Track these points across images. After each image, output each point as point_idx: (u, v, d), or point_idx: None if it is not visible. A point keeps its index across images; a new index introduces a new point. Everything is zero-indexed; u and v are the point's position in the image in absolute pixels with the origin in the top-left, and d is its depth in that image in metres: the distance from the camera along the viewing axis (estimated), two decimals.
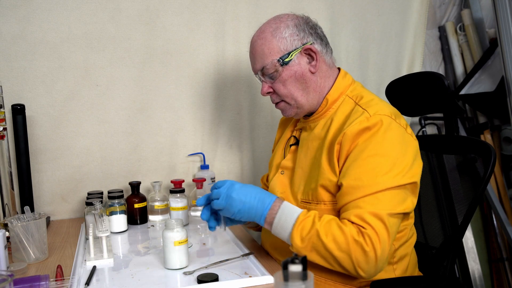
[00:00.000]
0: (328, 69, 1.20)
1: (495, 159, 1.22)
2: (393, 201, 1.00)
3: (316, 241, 0.98)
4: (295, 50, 1.15)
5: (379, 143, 1.03)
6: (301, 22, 1.19)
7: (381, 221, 0.97)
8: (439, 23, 2.19)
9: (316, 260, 1.00)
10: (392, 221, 0.99)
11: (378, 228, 0.96)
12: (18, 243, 1.16)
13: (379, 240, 0.95)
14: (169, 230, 1.10)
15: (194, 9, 1.71)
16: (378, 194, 0.99)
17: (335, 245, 0.97)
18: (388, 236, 0.97)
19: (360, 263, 0.96)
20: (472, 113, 2.21)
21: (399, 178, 1.01)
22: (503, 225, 2.00)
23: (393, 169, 1.01)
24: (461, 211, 1.37)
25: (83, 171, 1.65)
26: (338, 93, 1.18)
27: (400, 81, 1.50)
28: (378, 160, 1.02)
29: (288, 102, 1.20)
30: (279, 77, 1.17)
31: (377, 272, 0.99)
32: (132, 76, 1.67)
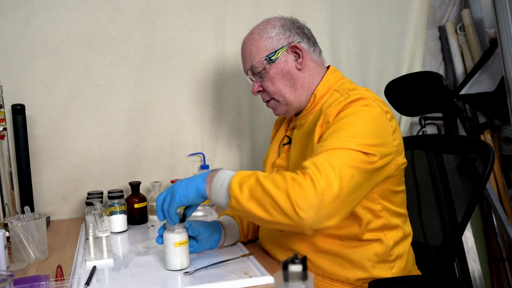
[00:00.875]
0: (316, 67, 1.23)
1: (493, 158, 1.23)
2: (350, 156, 0.96)
3: (254, 186, 0.93)
4: (282, 48, 1.19)
5: (351, 112, 1.04)
6: (287, 22, 1.23)
7: (329, 164, 0.91)
8: (439, 23, 2.19)
9: (255, 210, 0.93)
10: (346, 171, 0.93)
11: (322, 168, 0.90)
12: (18, 243, 1.16)
13: (321, 177, 0.89)
14: (169, 231, 1.09)
15: (194, 9, 1.71)
16: (336, 150, 0.96)
17: (273, 185, 0.91)
18: (336, 178, 0.90)
19: (298, 200, 0.88)
20: (472, 113, 2.21)
21: (361, 145, 0.98)
22: (503, 225, 2.00)
23: (359, 136, 0.99)
24: (460, 211, 1.37)
25: (83, 171, 1.65)
26: (326, 88, 1.20)
27: (399, 81, 1.50)
28: (345, 124, 1.02)
29: (277, 100, 1.23)
30: (267, 75, 1.21)
31: (320, 220, 0.89)
32: (132, 76, 1.67)
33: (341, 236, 1.10)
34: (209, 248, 1.22)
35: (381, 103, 1.11)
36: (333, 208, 0.90)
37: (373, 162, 0.99)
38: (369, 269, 1.10)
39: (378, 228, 1.11)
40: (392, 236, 1.12)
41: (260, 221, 0.96)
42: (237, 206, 0.95)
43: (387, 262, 1.12)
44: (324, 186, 0.89)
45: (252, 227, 1.32)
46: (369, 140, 1.00)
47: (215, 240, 1.22)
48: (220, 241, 1.24)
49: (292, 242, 1.15)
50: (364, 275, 1.10)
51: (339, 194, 0.90)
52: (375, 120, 1.05)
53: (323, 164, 0.92)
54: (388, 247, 1.11)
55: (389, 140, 1.06)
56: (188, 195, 1.02)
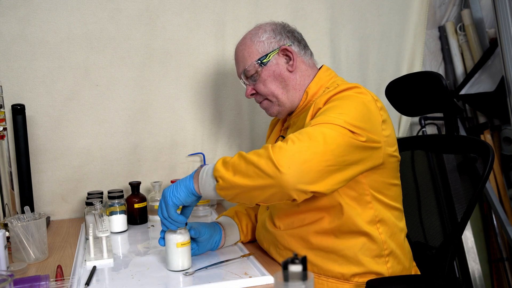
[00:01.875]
0: (307, 68, 1.26)
1: (493, 157, 1.23)
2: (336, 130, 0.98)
3: (238, 161, 0.97)
4: (273, 51, 1.23)
5: (342, 97, 1.07)
6: (278, 27, 1.27)
7: (314, 131, 0.95)
8: (439, 23, 2.19)
9: (241, 181, 0.95)
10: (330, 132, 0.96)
11: (304, 131, 0.95)
12: (18, 243, 1.16)
13: (302, 137, 0.94)
14: (171, 232, 1.08)
15: (194, 9, 1.71)
16: (322, 124, 0.99)
17: (255, 155, 0.95)
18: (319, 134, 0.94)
19: (279, 159, 0.90)
20: (472, 113, 2.21)
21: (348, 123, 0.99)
22: (503, 225, 2.00)
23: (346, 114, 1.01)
24: (461, 211, 1.37)
25: (83, 171, 1.65)
26: (318, 86, 1.23)
27: (399, 81, 1.50)
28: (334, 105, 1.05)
29: (270, 100, 1.26)
30: (260, 78, 1.25)
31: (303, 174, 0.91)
32: (132, 76, 1.67)
33: (334, 231, 1.10)
34: (209, 249, 1.22)
35: (372, 94, 1.12)
36: (315, 167, 0.92)
37: (360, 140, 1.01)
38: (364, 264, 1.10)
39: (369, 220, 1.11)
40: (385, 230, 1.13)
41: (248, 193, 0.97)
42: (225, 185, 0.98)
43: (381, 256, 1.12)
44: (306, 143, 0.92)
45: (251, 226, 1.32)
46: (356, 122, 1.01)
47: (216, 241, 1.22)
48: (221, 242, 1.24)
49: (286, 240, 1.15)
50: (359, 270, 1.11)
51: (322, 154, 0.93)
52: (365, 105, 1.06)
53: (307, 131, 0.95)
54: (381, 241, 1.12)
55: (377, 128, 1.07)
56: (179, 195, 1.05)
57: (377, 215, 1.12)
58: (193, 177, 1.06)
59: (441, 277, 1.25)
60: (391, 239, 1.13)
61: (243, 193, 0.98)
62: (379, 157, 1.07)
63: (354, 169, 1.02)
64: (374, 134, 1.05)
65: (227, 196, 1.01)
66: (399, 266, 1.15)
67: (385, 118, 1.10)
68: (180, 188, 1.06)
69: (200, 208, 1.59)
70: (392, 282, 1.09)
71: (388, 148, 1.10)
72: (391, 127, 1.13)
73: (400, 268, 1.15)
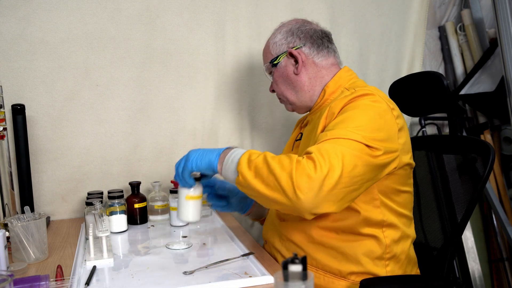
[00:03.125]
0: (319, 69, 1.25)
1: (493, 157, 1.23)
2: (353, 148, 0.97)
3: (261, 164, 0.96)
4: (282, 53, 1.26)
5: (358, 106, 1.06)
6: (294, 27, 1.27)
7: (333, 150, 0.94)
8: (439, 23, 2.19)
9: (259, 187, 0.96)
10: (349, 159, 0.94)
11: (326, 154, 0.93)
12: (18, 243, 1.16)
13: (324, 162, 0.91)
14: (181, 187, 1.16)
15: (194, 9, 1.71)
16: (341, 140, 0.98)
17: (279, 165, 0.94)
18: (338, 164, 0.92)
19: (299, 182, 0.90)
20: (472, 113, 2.21)
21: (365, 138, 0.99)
22: (503, 225, 2.00)
23: (363, 129, 1.01)
24: (461, 211, 1.37)
25: (83, 171, 1.65)
26: (337, 85, 1.23)
27: (401, 81, 1.51)
28: (350, 116, 1.04)
29: (282, 99, 1.33)
30: (273, 78, 1.31)
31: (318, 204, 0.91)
32: (132, 76, 1.67)
33: (337, 229, 1.11)
34: (238, 210, 1.32)
35: (388, 101, 1.12)
36: (332, 194, 0.92)
37: (376, 156, 1.00)
38: (363, 264, 1.10)
39: (375, 224, 1.11)
40: (390, 235, 1.12)
41: (263, 199, 0.99)
42: (244, 183, 0.99)
43: (382, 259, 1.12)
44: (326, 171, 0.91)
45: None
46: (373, 134, 1.01)
47: (246, 204, 1.34)
48: (250, 208, 1.34)
49: (290, 232, 1.18)
50: (357, 269, 1.11)
51: (339, 180, 0.92)
52: (380, 115, 1.06)
53: (327, 150, 0.94)
54: (385, 245, 1.11)
55: (394, 136, 1.07)
56: (200, 165, 1.07)
57: (385, 220, 1.12)
58: (219, 157, 1.05)
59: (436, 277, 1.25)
60: (395, 244, 1.13)
61: (259, 197, 0.99)
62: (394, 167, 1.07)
63: (369, 184, 1.03)
64: (391, 142, 1.05)
65: (244, 191, 1.02)
66: (400, 271, 1.15)
67: (401, 126, 1.10)
68: (204, 160, 1.07)
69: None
70: (386, 282, 1.09)
71: (403, 156, 1.09)
72: (406, 134, 1.13)
73: (401, 273, 1.16)
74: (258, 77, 1.81)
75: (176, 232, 1.44)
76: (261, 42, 1.79)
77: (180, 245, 1.29)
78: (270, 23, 1.79)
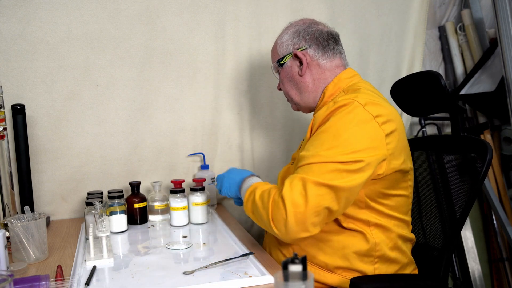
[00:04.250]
0: (323, 71, 1.26)
1: (491, 155, 1.23)
2: (325, 173, 1.01)
3: (252, 202, 1.12)
4: (288, 54, 1.28)
5: (334, 122, 1.08)
6: (300, 28, 1.28)
7: (302, 186, 1.01)
8: (439, 23, 2.19)
9: (255, 220, 1.13)
10: (316, 191, 1.00)
11: (295, 189, 1.01)
12: (18, 243, 1.16)
13: (291, 198, 1.00)
14: (190, 194, 1.49)
15: (194, 9, 1.71)
16: (313, 165, 1.03)
17: (261, 204, 1.08)
18: (302, 200, 0.99)
19: (274, 220, 1.03)
20: (472, 113, 2.21)
21: (340, 154, 1.02)
22: (503, 225, 2.00)
23: (337, 145, 1.03)
24: (461, 211, 1.37)
25: (83, 171, 1.65)
26: (336, 88, 1.24)
27: (402, 81, 1.51)
28: (326, 136, 1.07)
29: (287, 98, 1.36)
30: (279, 77, 1.33)
31: (291, 235, 1.01)
32: (132, 76, 1.67)
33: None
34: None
35: (372, 106, 1.09)
36: (301, 225, 1.00)
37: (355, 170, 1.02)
38: (349, 259, 1.12)
39: (360, 220, 1.12)
40: (379, 235, 1.13)
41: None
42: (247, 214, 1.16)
43: (369, 256, 1.13)
44: (293, 209, 0.99)
45: None
46: (350, 147, 1.03)
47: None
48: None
49: None
50: (344, 264, 1.12)
51: (304, 213, 0.99)
52: (359, 126, 1.06)
53: (297, 185, 1.01)
54: (373, 243, 1.12)
55: (378, 143, 1.06)
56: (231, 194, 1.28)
57: (370, 220, 1.13)
58: (240, 188, 1.23)
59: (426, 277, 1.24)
60: (385, 243, 1.14)
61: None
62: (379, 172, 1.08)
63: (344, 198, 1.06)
64: (376, 150, 1.05)
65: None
66: (389, 270, 1.15)
67: (390, 130, 1.09)
68: (231, 191, 1.28)
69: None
70: (375, 280, 1.09)
71: (393, 161, 1.09)
72: (399, 137, 1.11)
73: (392, 272, 1.16)
74: (258, 77, 1.81)
75: (176, 232, 1.44)
76: (261, 42, 1.79)
77: (180, 245, 1.29)
78: (270, 23, 1.79)
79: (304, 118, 1.86)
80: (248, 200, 1.13)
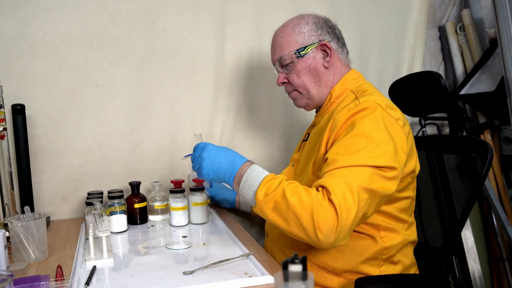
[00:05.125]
0: (342, 66, 1.27)
1: (492, 155, 1.23)
2: (368, 177, 0.99)
3: (280, 199, 0.99)
4: (312, 44, 1.24)
5: (364, 125, 1.06)
6: (320, 21, 1.28)
7: (350, 191, 0.96)
8: (439, 23, 2.19)
9: (276, 220, 1.00)
10: (363, 196, 0.98)
11: (342, 194, 0.95)
12: (18, 243, 1.16)
13: (343, 205, 0.94)
14: (190, 194, 1.49)
15: (194, 9, 1.71)
16: (353, 168, 1.00)
17: (299, 203, 0.96)
18: (354, 206, 0.95)
19: (320, 225, 0.94)
20: (472, 113, 2.21)
21: (378, 159, 1.01)
22: (503, 225, 2.00)
23: (374, 150, 1.02)
24: (461, 211, 1.37)
25: (83, 171, 1.65)
26: (343, 88, 1.24)
27: (402, 81, 1.51)
28: (360, 139, 1.04)
29: (301, 92, 1.29)
30: (294, 68, 1.26)
31: (335, 242, 0.96)
32: (132, 76, 1.67)
33: None
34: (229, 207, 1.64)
35: (392, 109, 1.12)
36: (347, 232, 0.96)
37: (390, 177, 1.02)
38: (357, 263, 1.12)
39: (370, 225, 1.12)
40: (388, 238, 1.13)
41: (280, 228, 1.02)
42: (260, 213, 1.03)
43: (377, 259, 1.13)
44: (345, 215, 0.94)
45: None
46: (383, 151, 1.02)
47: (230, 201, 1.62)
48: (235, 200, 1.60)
49: None
50: (351, 268, 1.12)
51: (355, 218, 0.96)
52: (388, 129, 1.06)
53: (344, 190, 0.96)
54: (382, 247, 1.12)
55: (403, 146, 1.08)
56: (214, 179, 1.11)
57: (380, 225, 1.13)
58: (234, 178, 1.08)
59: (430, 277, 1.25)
60: (393, 246, 1.14)
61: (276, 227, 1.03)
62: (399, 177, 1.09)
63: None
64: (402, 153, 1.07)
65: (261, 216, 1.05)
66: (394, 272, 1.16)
67: (407, 134, 1.11)
68: (219, 174, 1.10)
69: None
70: (380, 281, 1.09)
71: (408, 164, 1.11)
72: (411, 140, 1.14)
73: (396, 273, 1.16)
74: (258, 77, 1.81)
75: (176, 232, 1.44)
76: (261, 42, 1.79)
77: (180, 245, 1.29)
78: (270, 23, 1.79)
79: (304, 118, 1.86)
80: (268, 195, 1.00)
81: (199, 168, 1.12)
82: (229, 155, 1.11)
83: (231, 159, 1.10)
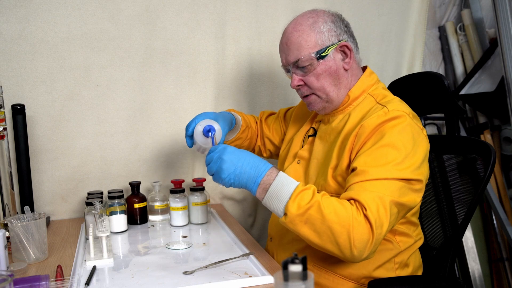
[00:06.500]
0: (357, 67, 1.23)
1: (495, 158, 1.23)
2: (398, 191, 0.99)
3: (315, 213, 0.95)
4: (332, 45, 1.16)
5: (394, 136, 1.04)
6: (337, 19, 1.20)
7: (383, 206, 0.96)
8: (439, 23, 2.19)
9: (306, 233, 0.96)
10: (394, 210, 0.98)
11: (380, 212, 0.95)
12: (18, 243, 1.16)
13: (380, 224, 0.94)
14: (190, 194, 1.49)
15: (194, 9, 1.71)
16: (384, 181, 0.99)
17: (336, 219, 0.94)
18: (387, 221, 0.96)
19: (356, 241, 0.93)
20: (472, 113, 2.21)
21: (407, 171, 1.01)
22: (503, 225, 2.00)
23: (403, 162, 1.01)
24: (461, 211, 1.37)
25: (83, 171, 1.65)
26: (361, 90, 1.20)
27: (401, 81, 1.50)
28: (390, 151, 1.02)
29: (319, 96, 1.20)
30: (314, 71, 1.17)
31: (367, 257, 0.97)
32: (132, 76, 1.67)
33: None
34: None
35: (416, 118, 1.12)
36: (379, 245, 0.98)
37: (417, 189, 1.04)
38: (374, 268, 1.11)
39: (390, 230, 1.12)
40: (403, 242, 1.14)
41: (309, 242, 0.99)
42: (290, 225, 0.98)
43: (392, 263, 1.13)
44: (379, 230, 0.95)
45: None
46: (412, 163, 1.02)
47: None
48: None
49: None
50: (368, 273, 1.11)
51: (386, 232, 0.98)
52: (415, 140, 1.06)
53: (378, 205, 0.95)
54: (399, 251, 1.13)
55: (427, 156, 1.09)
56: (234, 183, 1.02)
57: (396, 230, 1.13)
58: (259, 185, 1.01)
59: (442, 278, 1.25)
60: (408, 250, 1.15)
61: (304, 240, 1.00)
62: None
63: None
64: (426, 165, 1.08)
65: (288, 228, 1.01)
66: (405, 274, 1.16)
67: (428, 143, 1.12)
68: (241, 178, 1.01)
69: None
70: (394, 283, 1.10)
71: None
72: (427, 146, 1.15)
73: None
74: (258, 77, 1.81)
75: (176, 232, 1.44)
76: (261, 42, 1.79)
77: (180, 245, 1.29)
78: (270, 23, 1.79)
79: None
80: (301, 208, 0.95)
81: (219, 171, 1.02)
82: (253, 159, 1.02)
83: (255, 163, 1.01)
